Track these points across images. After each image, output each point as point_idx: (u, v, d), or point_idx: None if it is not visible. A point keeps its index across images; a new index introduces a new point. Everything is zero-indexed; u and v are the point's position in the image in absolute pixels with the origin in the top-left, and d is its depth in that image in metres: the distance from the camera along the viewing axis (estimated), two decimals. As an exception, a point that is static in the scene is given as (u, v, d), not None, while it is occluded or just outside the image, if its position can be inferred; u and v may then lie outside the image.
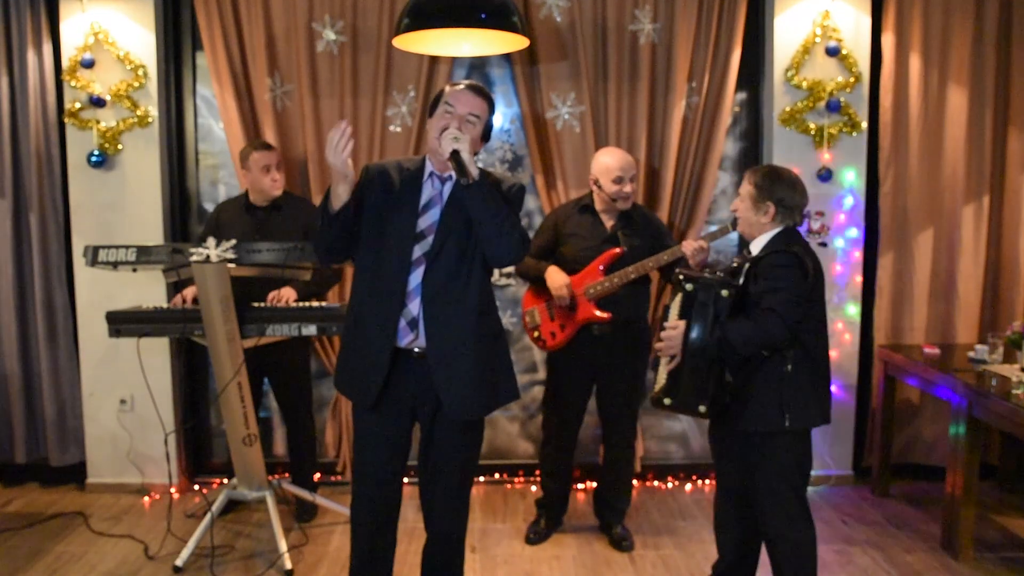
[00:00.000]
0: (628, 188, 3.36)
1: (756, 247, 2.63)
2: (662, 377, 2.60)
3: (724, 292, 2.50)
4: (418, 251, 2.42)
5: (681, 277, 2.58)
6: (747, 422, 2.56)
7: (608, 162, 3.38)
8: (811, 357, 2.56)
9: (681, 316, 2.55)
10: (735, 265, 2.65)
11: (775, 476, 2.57)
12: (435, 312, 2.40)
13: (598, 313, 3.34)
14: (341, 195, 2.33)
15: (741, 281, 2.56)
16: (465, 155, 2.29)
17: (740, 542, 2.77)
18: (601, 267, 3.36)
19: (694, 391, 2.53)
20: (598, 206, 3.45)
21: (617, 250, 3.35)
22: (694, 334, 2.50)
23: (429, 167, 2.49)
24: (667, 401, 2.57)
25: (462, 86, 2.47)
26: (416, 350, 2.44)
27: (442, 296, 2.41)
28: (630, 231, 3.41)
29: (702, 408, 2.53)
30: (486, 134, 2.50)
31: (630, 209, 3.44)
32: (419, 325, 2.41)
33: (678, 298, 2.57)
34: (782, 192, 2.60)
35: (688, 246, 3.12)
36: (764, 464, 2.58)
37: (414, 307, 2.41)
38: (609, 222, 3.43)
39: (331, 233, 2.41)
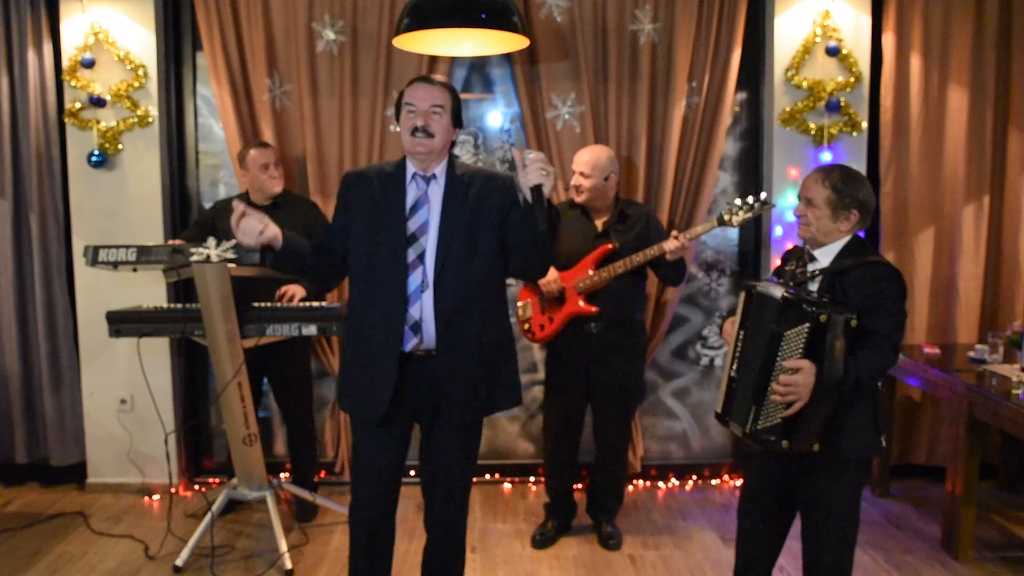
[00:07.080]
0: (575, 180, 3.39)
1: (825, 256, 2.36)
2: (774, 416, 2.23)
3: (853, 322, 2.18)
4: (412, 254, 2.41)
5: (804, 305, 2.18)
6: (848, 450, 2.30)
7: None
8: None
9: (807, 353, 2.18)
10: (798, 272, 2.39)
11: (852, 497, 2.37)
12: (445, 315, 2.39)
13: (582, 304, 3.36)
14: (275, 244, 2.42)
15: (815, 294, 2.32)
16: (546, 189, 2.23)
17: (771, 562, 2.56)
18: (593, 263, 3.37)
19: (816, 431, 2.24)
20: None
21: (609, 246, 3.37)
22: (826, 375, 2.16)
23: (411, 168, 2.47)
24: (785, 444, 2.23)
25: (416, 82, 2.44)
26: (423, 350, 2.42)
27: (451, 299, 2.39)
28: (622, 227, 3.42)
29: (816, 447, 2.26)
30: (457, 120, 2.47)
31: (624, 205, 3.47)
32: (422, 328, 2.40)
33: (801, 330, 2.18)
34: (864, 194, 2.33)
35: (669, 245, 3.22)
36: (841, 489, 2.35)
37: (415, 311, 2.40)
38: (600, 219, 3.44)
39: (314, 270, 2.56)
